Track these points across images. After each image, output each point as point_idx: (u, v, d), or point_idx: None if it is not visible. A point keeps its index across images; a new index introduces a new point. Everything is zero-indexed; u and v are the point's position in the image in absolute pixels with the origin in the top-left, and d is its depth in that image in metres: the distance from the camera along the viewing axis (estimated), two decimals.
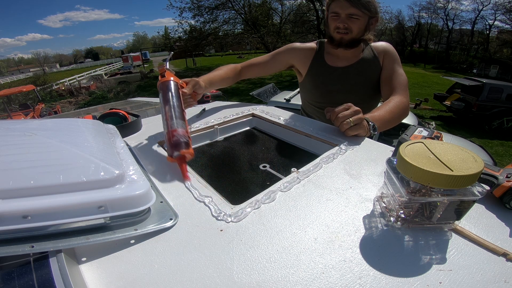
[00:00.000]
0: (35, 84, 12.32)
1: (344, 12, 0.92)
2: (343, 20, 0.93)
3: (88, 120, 0.64)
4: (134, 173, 0.45)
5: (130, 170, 0.45)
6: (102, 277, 0.34)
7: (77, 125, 0.55)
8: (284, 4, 13.73)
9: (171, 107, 0.64)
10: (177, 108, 0.64)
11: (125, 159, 0.49)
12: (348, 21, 0.93)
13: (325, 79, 1.05)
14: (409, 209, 0.40)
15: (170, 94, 0.67)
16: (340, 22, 0.94)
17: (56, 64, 53.17)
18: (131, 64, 22.98)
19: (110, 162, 0.42)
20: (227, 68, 1.07)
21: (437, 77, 13.22)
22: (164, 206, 0.46)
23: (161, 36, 20.85)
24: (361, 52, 1.03)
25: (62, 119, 0.60)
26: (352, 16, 0.92)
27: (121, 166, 0.44)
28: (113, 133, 0.63)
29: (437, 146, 0.41)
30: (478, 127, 6.28)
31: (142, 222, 0.41)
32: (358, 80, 1.02)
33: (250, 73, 1.12)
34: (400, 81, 0.96)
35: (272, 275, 0.34)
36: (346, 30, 0.94)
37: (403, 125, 3.07)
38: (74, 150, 0.42)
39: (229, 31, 13.57)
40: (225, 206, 0.47)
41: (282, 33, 13.20)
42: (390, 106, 0.86)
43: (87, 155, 0.41)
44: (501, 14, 22.00)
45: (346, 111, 0.71)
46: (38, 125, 0.52)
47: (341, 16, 0.93)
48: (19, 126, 0.51)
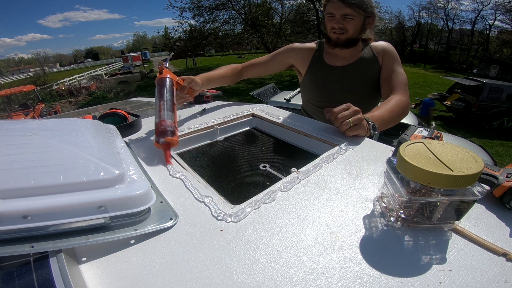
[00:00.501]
0: (35, 84, 12.33)
1: (339, 13, 0.94)
2: (338, 21, 0.95)
3: (88, 120, 0.65)
4: (134, 173, 0.45)
5: (130, 170, 0.45)
6: (102, 277, 0.34)
7: (77, 125, 0.55)
8: (284, 4, 13.73)
9: (164, 101, 0.71)
10: (169, 102, 0.72)
11: (125, 159, 0.49)
12: (343, 21, 0.95)
13: (324, 78, 1.06)
14: (409, 209, 0.40)
15: (164, 89, 0.74)
16: (336, 22, 0.96)
17: (56, 64, 53.15)
18: (131, 64, 22.98)
19: (110, 162, 0.42)
20: (227, 68, 1.09)
21: (437, 77, 13.21)
22: (164, 206, 0.46)
23: (161, 36, 20.86)
24: (360, 51, 1.04)
25: (62, 119, 0.60)
26: (346, 16, 0.94)
27: (121, 166, 0.44)
28: (113, 133, 0.63)
29: (437, 146, 0.41)
30: (478, 127, 6.28)
31: (142, 222, 0.41)
32: (357, 79, 1.03)
33: (250, 73, 1.15)
34: (399, 80, 0.96)
35: (272, 275, 0.34)
36: (342, 30, 0.96)
37: (403, 125, 3.07)
38: (74, 150, 0.42)
39: (229, 31, 13.57)
40: (225, 206, 0.47)
41: (282, 33, 13.19)
42: (389, 105, 0.85)
43: (87, 155, 0.41)
44: (501, 14, 22.00)
45: (346, 111, 0.71)
46: (38, 125, 0.52)
47: (336, 17, 0.95)
48: (19, 126, 0.51)
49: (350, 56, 1.04)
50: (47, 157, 0.40)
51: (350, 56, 1.04)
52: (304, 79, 1.13)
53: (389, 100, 0.89)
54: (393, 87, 0.95)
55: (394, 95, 0.91)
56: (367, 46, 1.05)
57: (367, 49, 1.04)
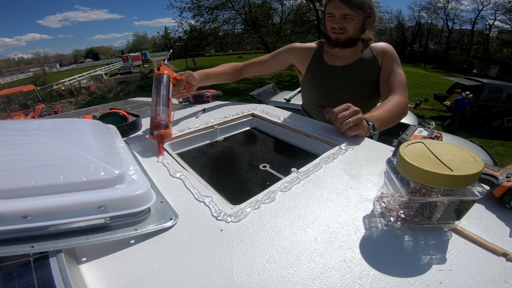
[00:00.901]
0: (35, 84, 12.33)
1: (339, 13, 0.95)
2: (338, 21, 0.96)
3: (88, 120, 0.64)
4: (134, 173, 0.45)
5: (130, 170, 0.45)
6: (102, 277, 0.34)
7: (77, 125, 0.55)
8: (284, 4, 13.73)
9: (159, 97, 0.74)
10: (164, 98, 0.75)
11: (125, 159, 0.49)
12: (342, 22, 0.96)
13: (324, 77, 1.07)
14: (409, 209, 0.40)
15: (161, 85, 0.77)
16: (335, 22, 0.97)
17: (56, 64, 53.14)
18: (131, 64, 22.98)
19: (110, 162, 0.42)
20: (227, 65, 1.11)
21: (437, 77, 13.21)
22: (164, 206, 0.46)
23: (161, 36, 20.85)
24: (361, 52, 1.04)
25: (62, 119, 0.60)
26: (346, 16, 0.95)
27: (121, 166, 0.44)
28: (113, 133, 0.63)
29: (437, 146, 0.41)
30: (478, 127, 6.29)
31: (142, 222, 0.41)
32: (356, 79, 1.03)
33: (251, 72, 1.16)
34: (399, 80, 0.97)
35: (272, 275, 0.34)
36: (341, 30, 0.97)
37: (403, 125, 3.07)
38: (74, 150, 0.42)
39: (229, 31, 13.57)
40: (225, 206, 0.47)
41: (282, 33, 13.20)
42: (389, 105, 0.85)
43: (87, 155, 0.41)
44: (501, 14, 22.03)
45: (346, 111, 0.71)
46: (38, 125, 0.52)
47: (336, 17, 0.96)
48: (19, 126, 0.51)
49: (350, 56, 1.04)
50: (47, 157, 0.40)
51: (350, 56, 1.04)
52: (304, 78, 1.14)
53: (389, 100, 0.89)
54: (392, 88, 0.95)
55: (393, 95, 0.91)
56: (368, 46, 1.05)
57: (367, 49, 1.04)
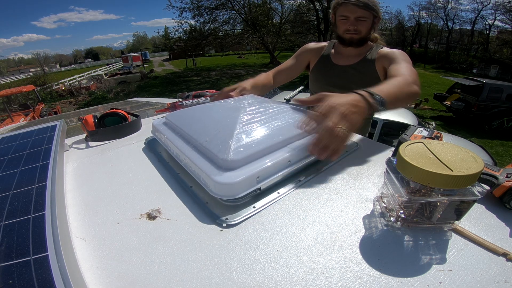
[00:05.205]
0: (35, 84, 12.30)
1: (353, 16, 0.98)
2: (353, 23, 0.99)
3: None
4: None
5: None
6: (102, 277, 0.34)
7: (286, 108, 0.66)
8: (284, 4, 13.74)
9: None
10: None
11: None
12: (357, 23, 0.99)
13: (325, 73, 1.13)
14: (409, 209, 0.40)
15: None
16: (350, 24, 1.00)
17: (56, 64, 53.11)
18: (131, 64, 22.99)
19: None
20: (264, 76, 1.08)
21: (437, 77, 13.22)
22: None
23: (161, 36, 20.85)
24: (365, 54, 1.06)
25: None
26: (360, 18, 0.98)
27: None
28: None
29: (437, 146, 0.41)
30: (478, 127, 6.28)
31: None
32: (355, 79, 1.06)
33: (281, 79, 1.16)
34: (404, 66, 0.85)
35: (272, 275, 0.34)
36: (356, 31, 1.00)
37: (403, 125, 3.07)
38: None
39: (229, 31, 13.58)
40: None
41: (282, 33, 13.21)
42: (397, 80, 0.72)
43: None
44: (501, 14, 22.04)
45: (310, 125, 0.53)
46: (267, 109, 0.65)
47: (350, 19, 0.99)
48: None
49: (354, 56, 1.07)
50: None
51: (354, 56, 1.07)
52: (311, 73, 1.20)
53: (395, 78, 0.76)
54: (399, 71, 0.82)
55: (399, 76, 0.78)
56: (376, 49, 1.04)
57: (373, 51, 1.05)
